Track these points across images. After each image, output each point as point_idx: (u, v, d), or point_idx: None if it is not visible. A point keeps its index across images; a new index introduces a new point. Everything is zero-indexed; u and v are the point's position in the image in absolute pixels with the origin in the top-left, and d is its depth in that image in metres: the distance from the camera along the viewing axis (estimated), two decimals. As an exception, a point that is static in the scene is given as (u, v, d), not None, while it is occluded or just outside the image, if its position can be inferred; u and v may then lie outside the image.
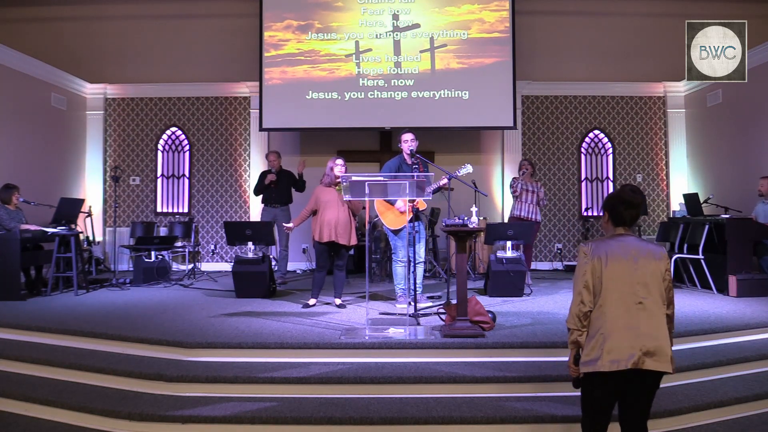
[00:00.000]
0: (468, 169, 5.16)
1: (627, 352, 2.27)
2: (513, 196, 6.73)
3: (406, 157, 5.40)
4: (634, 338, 2.29)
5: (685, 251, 6.65)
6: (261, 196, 7.36)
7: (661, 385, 3.55)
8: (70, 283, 6.29)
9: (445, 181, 5.19)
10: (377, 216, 5.37)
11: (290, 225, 5.50)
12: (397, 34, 8.37)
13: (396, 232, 5.36)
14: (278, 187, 7.17)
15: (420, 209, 5.28)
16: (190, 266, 8.00)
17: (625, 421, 2.42)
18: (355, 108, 8.34)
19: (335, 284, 5.46)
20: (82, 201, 7.45)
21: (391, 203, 5.29)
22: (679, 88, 8.90)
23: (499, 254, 6.05)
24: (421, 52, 8.36)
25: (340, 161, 5.37)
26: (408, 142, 5.35)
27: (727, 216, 6.49)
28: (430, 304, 5.38)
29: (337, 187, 5.27)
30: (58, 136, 8.48)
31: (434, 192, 5.30)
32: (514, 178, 6.89)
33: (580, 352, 2.42)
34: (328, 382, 3.58)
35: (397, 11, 8.38)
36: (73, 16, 9.10)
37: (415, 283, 5.22)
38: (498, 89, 8.25)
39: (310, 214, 5.40)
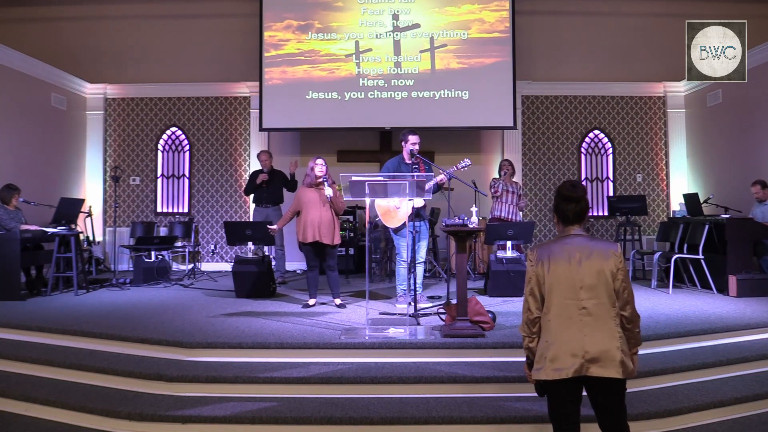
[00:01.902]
0: (467, 162, 5.14)
1: (569, 360, 2.21)
2: (493, 197, 6.70)
3: (405, 156, 5.39)
4: (576, 345, 2.22)
5: (685, 251, 6.65)
6: (252, 196, 7.36)
7: (662, 386, 3.62)
8: (70, 283, 6.29)
9: (442, 177, 5.14)
10: (377, 216, 5.36)
11: (274, 227, 5.55)
12: (397, 34, 8.37)
13: (396, 231, 5.36)
14: (270, 187, 7.16)
15: (417, 207, 5.25)
16: (190, 266, 8.00)
17: (601, 424, 2.35)
18: (355, 108, 8.34)
19: (331, 285, 5.45)
20: (82, 201, 7.45)
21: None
22: (679, 88, 8.90)
23: (499, 254, 6.05)
24: (421, 52, 8.36)
25: (320, 161, 5.36)
26: (416, 145, 5.33)
27: (727, 216, 6.50)
28: (430, 304, 5.38)
29: (338, 187, 5.27)
30: (58, 136, 8.48)
31: (434, 191, 5.28)
32: (494, 178, 6.89)
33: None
34: (328, 382, 3.58)
35: (397, 11, 8.38)
36: (73, 16, 9.10)
37: (415, 283, 5.22)
38: (498, 89, 8.25)
39: (294, 215, 5.41)
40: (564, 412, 2.32)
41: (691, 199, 7.07)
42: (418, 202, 5.14)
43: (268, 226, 5.66)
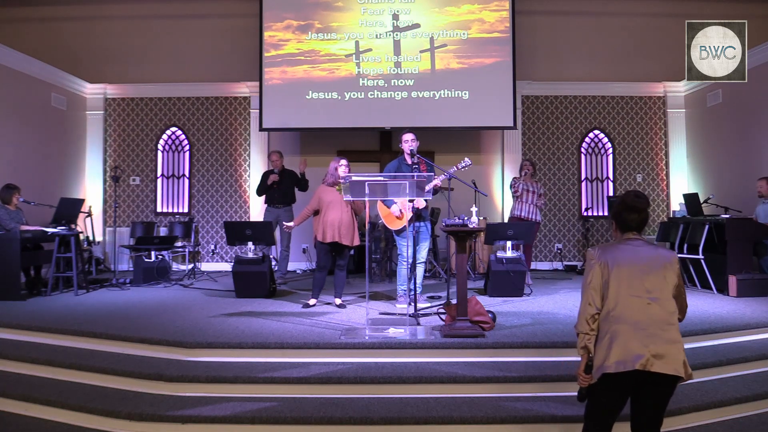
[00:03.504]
0: (467, 162, 5.13)
1: (635, 352, 2.21)
2: (514, 196, 6.71)
3: (406, 157, 5.39)
4: (641, 339, 2.22)
5: (685, 251, 6.65)
6: (264, 197, 7.35)
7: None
8: (70, 283, 6.29)
9: (437, 182, 5.11)
10: (377, 216, 5.37)
11: (291, 224, 5.52)
12: (397, 34, 8.37)
13: (398, 232, 5.36)
14: (281, 187, 7.16)
15: (419, 208, 5.26)
16: (190, 266, 8.00)
17: (638, 426, 2.35)
18: (355, 108, 8.34)
19: (336, 284, 5.45)
20: (82, 201, 7.45)
21: (387, 206, 5.29)
22: (679, 88, 8.90)
23: (499, 254, 6.05)
24: (421, 52, 8.36)
25: (344, 162, 5.35)
26: (408, 142, 5.34)
27: (727, 216, 6.50)
28: (429, 304, 5.38)
29: (337, 187, 5.27)
30: (58, 136, 8.48)
31: (433, 193, 5.28)
32: (514, 178, 6.89)
33: (591, 360, 2.34)
34: (328, 382, 3.58)
35: (397, 11, 8.38)
36: (73, 16, 9.10)
37: (415, 283, 5.22)
38: (498, 89, 8.25)
39: (312, 214, 5.40)
40: (612, 413, 2.33)
41: (691, 199, 7.07)
42: (420, 203, 5.14)
43: (285, 223, 5.64)
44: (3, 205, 6.19)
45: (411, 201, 4.96)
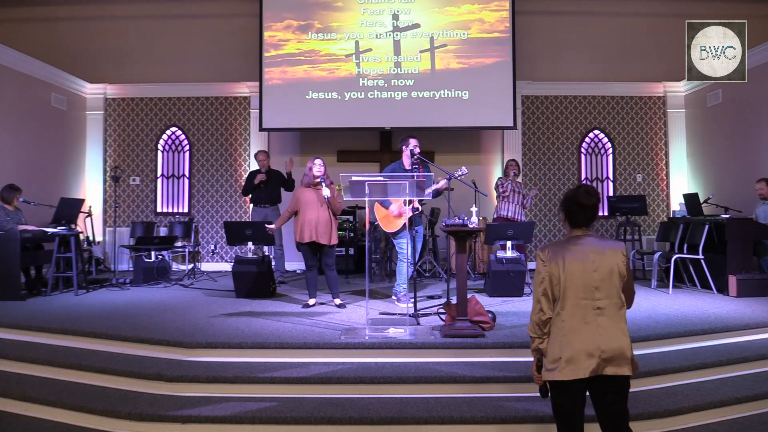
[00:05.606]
0: (464, 171, 5.14)
1: (586, 360, 2.23)
2: (501, 197, 6.67)
3: (405, 162, 5.43)
4: (593, 345, 2.24)
5: (685, 251, 6.64)
6: (250, 196, 7.35)
7: (662, 386, 3.62)
8: (70, 283, 6.29)
9: (442, 183, 5.16)
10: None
11: (272, 226, 5.57)
12: (397, 34, 8.37)
13: (394, 235, 5.39)
14: (268, 187, 7.15)
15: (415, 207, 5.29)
16: (190, 266, 8.00)
17: (603, 424, 2.36)
18: (355, 108, 8.34)
19: (330, 285, 5.45)
20: (82, 201, 7.45)
21: (385, 206, 5.32)
22: (679, 88, 8.90)
23: (499, 254, 6.05)
24: (421, 52, 8.36)
25: (318, 161, 5.37)
26: (417, 147, 5.38)
27: (727, 216, 6.50)
28: (429, 304, 5.38)
29: (337, 187, 5.28)
30: (58, 136, 8.47)
31: (434, 195, 5.31)
32: (500, 178, 6.88)
33: (543, 360, 2.37)
34: (328, 382, 3.58)
35: (397, 11, 8.38)
36: (73, 16, 9.11)
37: (415, 281, 5.22)
38: (498, 89, 8.25)
39: (292, 215, 5.42)
40: (574, 413, 2.34)
41: (691, 199, 7.07)
42: (415, 203, 5.18)
43: (266, 225, 5.67)
44: (2, 205, 6.19)
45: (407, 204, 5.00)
